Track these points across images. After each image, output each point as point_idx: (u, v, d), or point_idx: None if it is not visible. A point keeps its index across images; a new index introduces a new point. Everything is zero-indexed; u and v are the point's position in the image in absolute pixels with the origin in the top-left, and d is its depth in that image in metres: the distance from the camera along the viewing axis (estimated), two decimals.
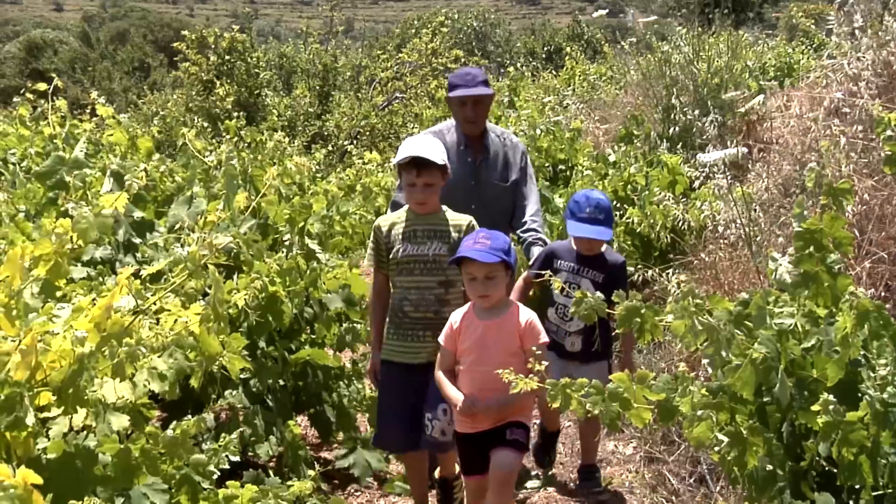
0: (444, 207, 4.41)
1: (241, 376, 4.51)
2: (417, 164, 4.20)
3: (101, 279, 4.49)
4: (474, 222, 4.38)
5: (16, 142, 6.94)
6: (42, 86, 6.97)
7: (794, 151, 6.57)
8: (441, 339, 4.06)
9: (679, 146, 8.12)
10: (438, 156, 4.22)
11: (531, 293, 5.03)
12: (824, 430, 2.68)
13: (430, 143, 4.32)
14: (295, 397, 5.07)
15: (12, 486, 2.63)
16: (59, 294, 3.92)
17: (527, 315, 3.96)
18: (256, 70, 18.09)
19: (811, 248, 2.94)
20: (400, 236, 4.33)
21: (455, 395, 3.95)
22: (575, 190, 6.93)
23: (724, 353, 2.95)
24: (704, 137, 8.03)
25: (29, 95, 7.38)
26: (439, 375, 4.05)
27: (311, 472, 4.45)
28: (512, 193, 5.29)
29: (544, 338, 3.95)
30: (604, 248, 4.85)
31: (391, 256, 4.34)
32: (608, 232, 4.79)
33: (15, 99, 7.83)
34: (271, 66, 20.24)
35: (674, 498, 4.57)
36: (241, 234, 4.68)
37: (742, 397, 2.90)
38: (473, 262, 3.86)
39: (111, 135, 6.76)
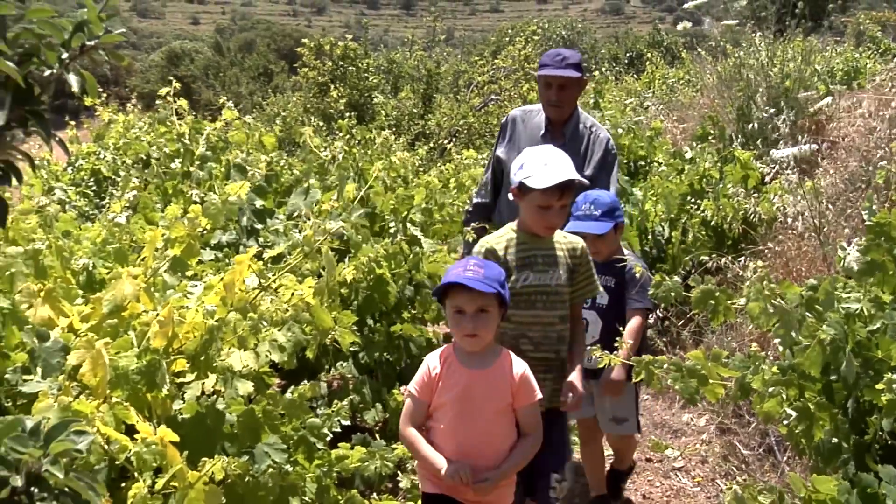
0: None
1: (351, 349, 4.56)
2: (561, 187, 3.25)
3: (227, 261, 4.57)
4: (584, 244, 3.51)
5: (154, 140, 7.13)
6: (164, 90, 7.13)
7: (860, 149, 6.50)
8: (413, 386, 3.04)
9: (752, 144, 7.97)
10: (576, 172, 3.33)
11: None
12: (888, 407, 2.64)
13: (564, 158, 3.35)
14: (399, 369, 5.10)
15: (153, 443, 2.70)
16: (190, 273, 4.00)
17: (520, 366, 3.02)
18: (366, 75, 18.18)
19: (881, 239, 2.91)
20: (517, 262, 3.35)
21: (437, 459, 2.92)
22: (653, 183, 6.84)
23: (794, 334, 2.95)
24: (776, 135, 7.89)
25: (169, 98, 7.58)
26: (410, 433, 3.00)
27: None
28: (582, 188, 4.20)
29: (538, 394, 3.03)
30: (628, 254, 4.19)
31: (509, 286, 3.23)
32: (601, 226, 4.00)
33: (157, 102, 8.05)
34: (380, 71, 20.31)
35: (743, 466, 4.52)
36: (351, 221, 4.72)
37: (810, 375, 2.88)
38: (463, 292, 2.90)
39: (234, 133, 6.90)
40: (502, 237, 3.42)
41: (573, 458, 4.11)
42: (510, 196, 3.49)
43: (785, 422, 2.90)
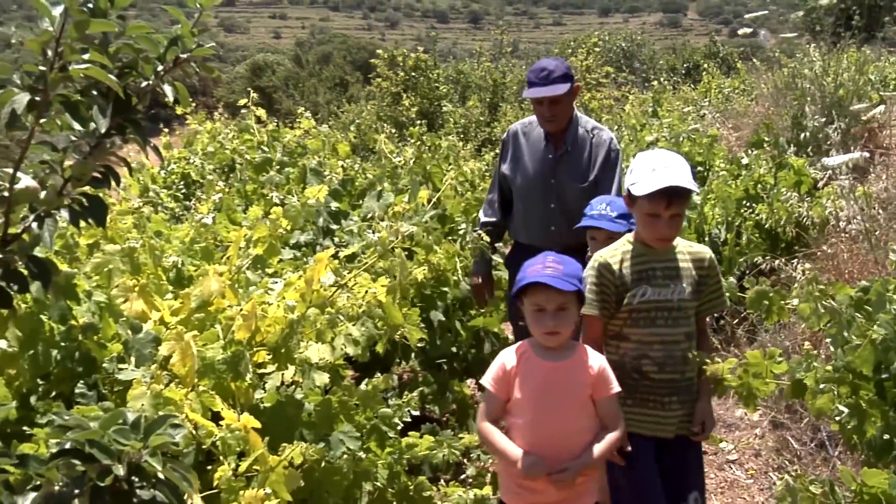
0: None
1: (420, 344, 4.57)
2: (669, 194, 2.85)
3: (305, 259, 4.62)
4: (712, 254, 3.12)
5: (239, 146, 7.25)
6: (243, 100, 7.23)
7: None
8: (487, 380, 2.82)
9: (804, 151, 7.86)
10: (691, 179, 2.90)
11: None
12: None
13: (680, 163, 2.93)
14: (465, 364, 5.09)
15: (237, 429, 2.74)
16: (271, 271, 4.06)
17: (597, 359, 2.80)
18: (436, 84, 18.23)
19: None
20: (633, 276, 2.97)
21: (514, 451, 2.70)
22: (712, 188, 6.75)
23: (845, 334, 2.91)
24: (829, 143, 7.78)
25: (253, 108, 7.70)
26: (486, 427, 2.79)
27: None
28: (591, 194, 3.96)
29: (616, 387, 2.78)
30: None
31: (625, 302, 2.97)
32: (617, 226, 3.50)
33: (242, 111, 8.19)
34: (449, 81, 20.34)
35: (795, 460, 4.45)
36: (422, 223, 4.73)
37: (862, 373, 2.83)
38: (544, 291, 2.68)
39: (311, 141, 6.98)
40: (617, 250, 3.05)
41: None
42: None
43: (837, 418, 2.85)
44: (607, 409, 2.76)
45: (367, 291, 3.56)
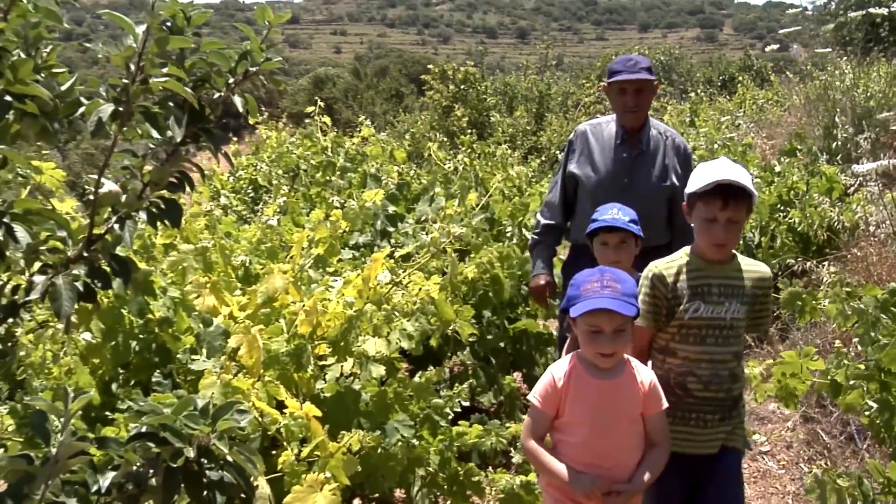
0: (735, 253, 2.77)
1: (470, 339, 4.56)
2: (724, 193, 2.56)
3: (363, 259, 4.63)
4: (771, 274, 2.80)
5: (301, 153, 7.31)
6: (310, 108, 7.28)
7: None
8: (535, 396, 2.55)
9: (836, 159, 7.75)
10: (749, 184, 2.60)
11: None
12: None
13: (738, 169, 2.64)
14: (512, 358, 5.07)
15: (299, 417, 2.76)
16: (331, 269, 4.08)
17: (647, 374, 2.56)
18: (485, 96, 18.20)
19: None
20: (688, 291, 2.68)
21: (562, 470, 2.46)
22: None
23: (872, 333, 2.88)
24: (859, 151, 7.74)
25: (316, 116, 7.76)
26: (532, 445, 2.54)
27: (524, 418, 4.43)
28: (668, 199, 3.75)
29: (665, 403, 2.55)
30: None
31: (676, 317, 2.69)
32: (631, 228, 3.09)
33: (306, 120, 8.26)
34: (497, 92, 20.29)
35: (825, 452, 4.37)
36: (472, 226, 4.72)
37: (890, 371, 2.78)
38: (606, 314, 2.39)
39: (370, 148, 7.01)
40: (674, 262, 2.75)
41: None
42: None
43: (867, 412, 2.81)
44: (657, 425, 2.55)
45: (420, 289, 3.56)
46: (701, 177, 2.63)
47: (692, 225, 2.74)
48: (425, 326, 3.71)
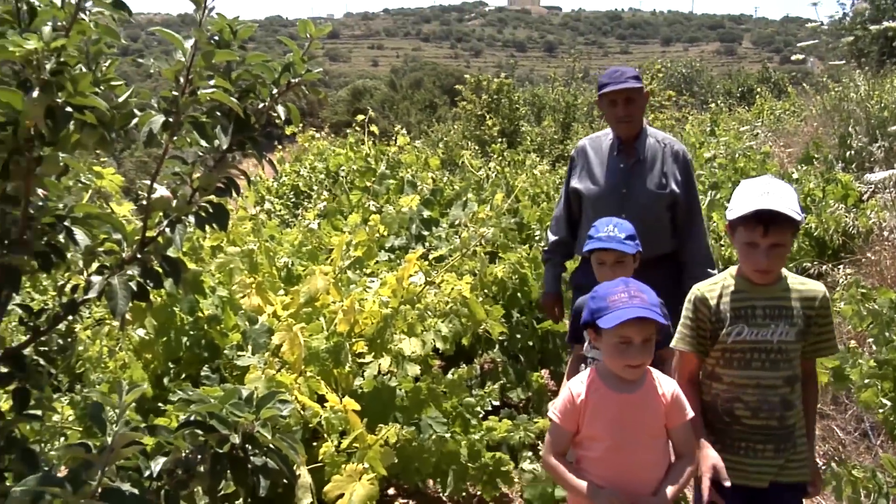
0: (785, 272, 2.52)
1: (500, 338, 4.54)
2: (764, 220, 2.35)
3: (399, 262, 4.64)
4: (826, 292, 2.54)
5: (343, 160, 7.34)
6: (360, 117, 7.31)
7: None
8: (554, 412, 2.40)
9: (851, 167, 7.69)
10: (794, 207, 2.36)
11: None
12: None
13: (783, 190, 2.40)
14: (540, 356, 5.04)
15: (339, 410, 2.77)
16: (369, 271, 4.09)
17: (669, 384, 2.37)
18: (516, 107, 18.18)
19: None
20: (731, 313, 2.47)
21: (581, 485, 2.31)
22: None
23: (886, 334, 2.87)
24: (873, 160, 7.73)
25: (357, 127, 7.79)
26: (552, 462, 2.38)
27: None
28: (669, 207, 3.65)
29: (690, 412, 2.36)
30: None
31: (719, 339, 2.48)
32: (627, 247, 2.95)
33: (347, 130, 8.29)
34: (526, 103, 20.25)
35: (840, 447, 4.29)
36: (501, 228, 4.71)
37: None
38: (637, 324, 2.24)
39: (406, 156, 7.03)
40: (717, 283, 2.54)
41: None
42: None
43: (881, 410, 2.81)
44: (682, 436, 2.37)
45: (452, 288, 3.56)
46: (741, 200, 2.43)
47: (734, 247, 2.54)
48: (457, 327, 3.70)
